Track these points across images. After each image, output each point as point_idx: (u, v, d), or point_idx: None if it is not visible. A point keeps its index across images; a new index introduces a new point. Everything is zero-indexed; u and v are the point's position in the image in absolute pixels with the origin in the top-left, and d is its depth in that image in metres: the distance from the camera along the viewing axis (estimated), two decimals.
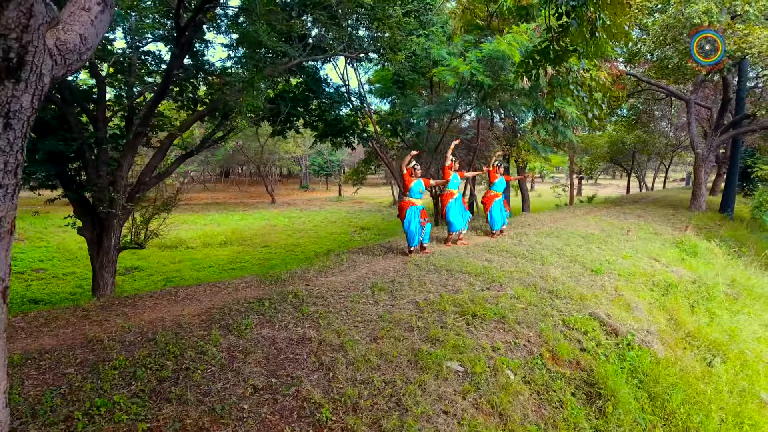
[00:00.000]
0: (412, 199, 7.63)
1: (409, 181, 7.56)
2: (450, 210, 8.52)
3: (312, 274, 6.56)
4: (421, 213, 7.64)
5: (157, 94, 7.97)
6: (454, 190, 8.54)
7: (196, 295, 5.61)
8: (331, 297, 5.48)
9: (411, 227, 7.55)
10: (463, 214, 8.67)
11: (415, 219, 7.56)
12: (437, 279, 6.30)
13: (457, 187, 8.69)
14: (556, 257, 7.92)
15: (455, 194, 8.64)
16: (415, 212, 7.57)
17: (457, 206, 8.57)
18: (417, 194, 7.67)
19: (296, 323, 4.64)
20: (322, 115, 11.92)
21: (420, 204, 7.74)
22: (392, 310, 5.15)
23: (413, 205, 7.61)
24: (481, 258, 7.53)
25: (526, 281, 6.42)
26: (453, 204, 8.56)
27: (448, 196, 8.61)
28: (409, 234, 7.60)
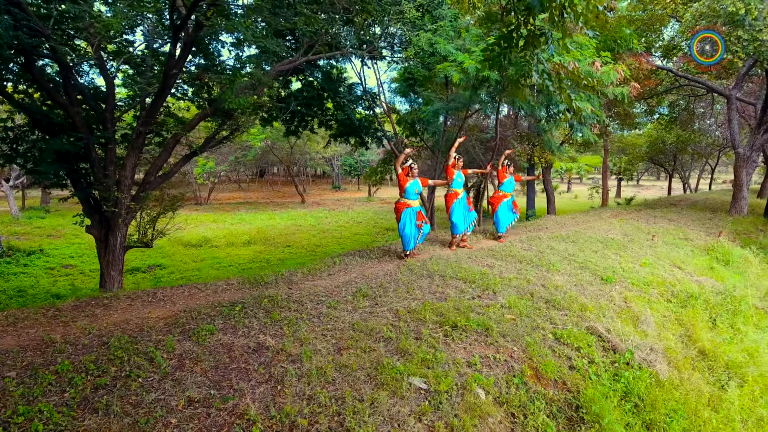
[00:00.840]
0: (408, 200, 7.29)
1: (405, 181, 7.23)
2: (454, 211, 8.13)
3: (299, 277, 6.35)
4: (418, 215, 7.29)
5: (157, 94, 7.97)
6: (458, 189, 8.14)
7: (173, 297, 5.49)
8: (309, 302, 5.24)
9: (406, 230, 7.22)
10: (467, 216, 8.26)
11: (410, 221, 7.23)
12: (427, 285, 5.96)
13: (461, 187, 8.28)
14: (565, 263, 7.41)
15: (459, 194, 8.24)
16: (411, 214, 7.24)
17: (461, 207, 8.16)
18: (413, 195, 7.33)
19: (260, 330, 4.43)
20: (335, 114, 11.73)
21: (417, 205, 7.40)
22: (368, 317, 4.86)
23: (409, 206, 7.28)
24: (482, 263, 7.12)
25: (524, 289, 5.98)
26: (457, 204, 8.16)
27: (452, 196, 8.22)
28: (405, 237, 7.28)
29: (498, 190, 9.07)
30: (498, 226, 8.87)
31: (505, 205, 8.80)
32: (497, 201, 8.94)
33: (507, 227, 8.98)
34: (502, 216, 8.79)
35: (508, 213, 8.85)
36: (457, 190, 8.16)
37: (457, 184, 8.21)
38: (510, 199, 8.92)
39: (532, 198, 16.85)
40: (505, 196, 8.94)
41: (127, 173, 8.49)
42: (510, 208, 9.00)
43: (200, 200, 33.65)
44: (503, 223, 8.82)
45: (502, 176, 8.91)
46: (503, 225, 8.84)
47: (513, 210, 8.92)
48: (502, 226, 8.84)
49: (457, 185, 8.20)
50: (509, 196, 8.97)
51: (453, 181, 8.14)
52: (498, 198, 8.87)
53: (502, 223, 8.82)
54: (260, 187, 51.70)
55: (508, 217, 8.89)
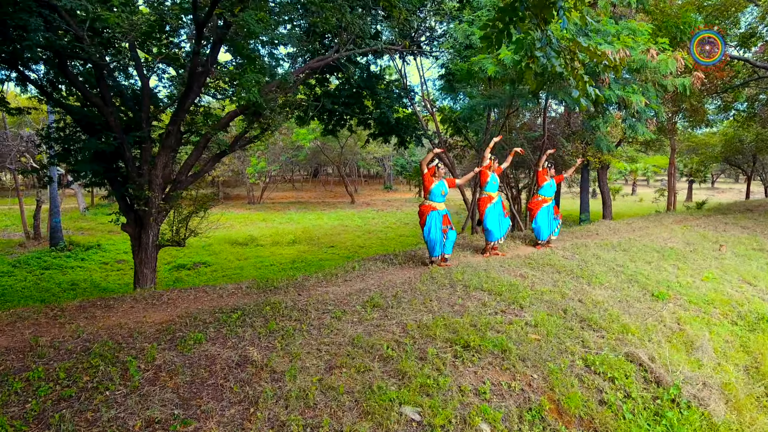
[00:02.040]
0: (433, 202, 6.77)
1: (430, 182, 6.71)
2: (488, 216, 7.51)
3: (312, 283, 6.01)
4: (444, 219, 6.75)
5: (184, 93, 7.92)
6: (492, 193, 7.52)
7: (178, 300, 5.30)
8: (314, 311, 4.87)
9: (431, 235, 6.70)
10: (502, 222, 7.62)
11: (436, 225, 6.70)
12: (447, 296, 5.43)
13: (496, 190, 7.65)
14: (610, 275, 6.62)
15: (494, 198, 7.62)
16: (437, 218, 6.71)
17: (495, 212, 7.54)
18: (439, 197, 6.80)
19: (251, 341, 4.10)
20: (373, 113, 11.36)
21: (443, 208, 6.86)
22: (373, 331, 4.42)
23: (434, 209, 6.76)
24: (514, 272, 6.48)
25: (556, 304, 5.31)
26: (492, 209, 7.54)
27: (486, 200, 7.61)
28: (429, 242, 6.76)
29: (537, 194, 8.32)
30: (538, 234, 8.13)
31: (545, 211, 8.04)
32: (536, 206, 8.19)
33: (549, 236, 8.20)
34: (542, 223, 8.04)
35: (549, 219, 8.08)
36: (492, 193, 7.55)
37: (492, 187, 7.59)
38: (551, 204, 8.15)
39: (585, 201, 15.70)
40: (545, 200, 8.19)
41: (158, 172, 8.52)
42: (551, 214, 8.23)
43: (253, 199, 34.48)
44: (543, 230, 8.06)
45: (541, 179, 8.16)
46: (544, 233, 8.08)
47: (554, 216, 8.14)
48: (543, 234, 8.09)
49: (491, 188, 7.59)
50: (549, 201, 8.20)
51: (487, 183, 7.53)
52: (537, 203, 8.12)
53: (542, 231, 8.07)
54: (313, 186, 52.49)
55: (549, 224, 8.13)
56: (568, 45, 3.40)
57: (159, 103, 9.57)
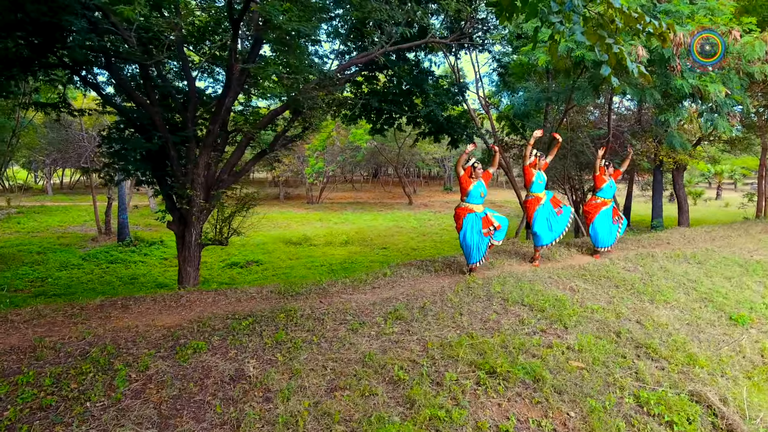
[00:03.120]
0: (471, 204, 6.18)
1: (468, 183, 6.12)
2: (537, 219, 6.81)
3: (338, 289, 5.63)
4: (484, 221, 6.14)
5: (223, 91, 7.87)
6: (539, 193, 6.80)
7: (195, 303, 5.11)
8: (330, 321, 4.49)
9: (467, 239, 6.12)
10: (554, 223, 6.87)
11: (473, 229, 6.12)
12: (480, 310, 4.86)
13: (543, 189, 6.90)
14: (679, 292, 5.73)
15: (542, 199, 6.89)
16: (475, 220, 6.12)
17: (545, 214, 6.82)
18: (478, 198, 6.20)
19: (254, 353, 3.79)
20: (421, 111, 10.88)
21: (481, 210, 6.24)
22: (389, 348, 3.97)
23: (471, 211, 6.17)
24: (564, 285, 5.77)
25: (609, 326, 4.58)
26: (540, 211, 6.83)
27: (534, 201, 6.90)
28: (467, 248, 6.17)
29: (595, 195, 7.46)
30: (596, 241, 7.28)
31: (605, 215, 7.18)
32: (594, 210, 7.33)
33: (612, 244, 7.33)
34: (600, 228, 7.19)
35: (609, 224, 7.21)
36: (539, 194, 6.83)
37: (538, 187, 6.85)
38: (610, 207, 7.27)
39: (658, 206, 14.21)
40: (605, 203, 7.32)
41: (199, 171, 8.54)
42: (611, 218, 7.35)
43: (311, 199, 34.99)
44: (603, 237, 7.21)
45: (600, 180, 7.31)
46: (603, 239, 7.23)
47: (614, 221, 7.25)
48: (602, 240, 7.23)
49: (537, 188, 6.86)
50: (609, 203, 7.33)
51: (533, 183, 6.82)
52: (595, 206, 7.26)
53: (601, 238, 7.21)
54: (373, 187, 52.60)
55: (610, 229, 7.25)
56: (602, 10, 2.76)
57: (206, 104, 9.65)
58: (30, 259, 16.22)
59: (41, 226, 23.33)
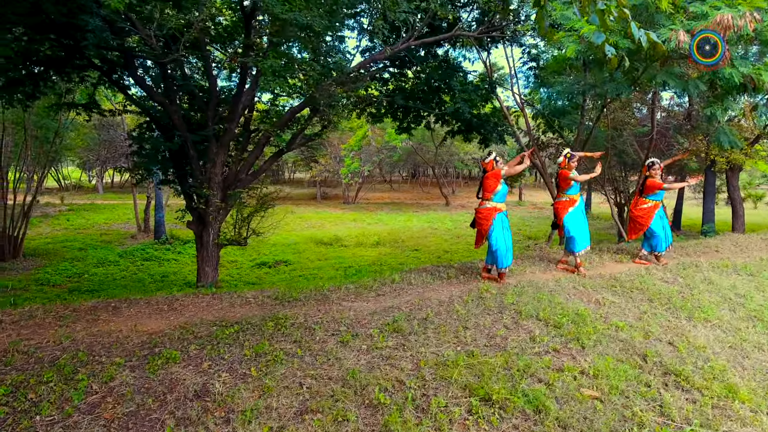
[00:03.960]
0: (498, 204, 5.75)
1: (497, 181, 5.66)
2: (569, 222, 6.27)
3: (340, 295, 5.29)
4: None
5: (237, 88, 7.71)
6: (574, 195, 6.26)
7: (186, 307, 4.90)
8: (321, 331, 4.16)
9: (499, 241, 5.67)
10: (586, 229, 6.32)
11: (504, 228, 5.73)
12: (489, 324, 4.40)
13: (578, 191, 6.34)
14: (723, 309, 5.04)
15: (577, 201, 6.33)
16: (504, 220, 5.74)
17: (578, 217, 6.28)
18: (504, 197, 5.78)
19: (229, 365, 3.50)
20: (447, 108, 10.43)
21: (505, 209, 5.82)
22: (377, 365, 3.59)
23: (500, 211, 5.74)
24: (589, 297, 5.20)
25: (634, 347, 4.02)
26: (574, 213, 6.30)
27: (568, 204, 6.36)
28: (498, 251, 5.70)
29: (642, 198, 6.80)
30: (658, 244, 6.69)
31: (659, 218, 6.63)
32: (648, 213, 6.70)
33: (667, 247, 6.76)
34: (658, 230, 6.60)
35: (665, 225, 6.64)
36: (574, 196, 6.28)
37: (574, 189, 6.32)
38: (661, 208, 6.66)
39: (710, 209, 13.04)
40: (656, 205, 6.69)
41: (216, 170, 8.45)
42: (665, 219, 6.76)
43: (348, 199, 34.94)
44: (661, 239, 6.63)
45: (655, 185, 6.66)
46: (661, 242, 6.65)
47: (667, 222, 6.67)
48: (662, 243, 6.66)
49: (574, 190, 6.32)
50: (660, 206, 6.69)
51: (571, 186, 6.28)
52: (647, 210, 6.66)
53: (661, 240, 6.64)
54: (411, 187, 52.12)
55: (666, 230, 6.66)
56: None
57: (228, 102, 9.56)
58: (71, 255, 16.82)
59: (88, 224, 24.31)
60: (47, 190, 35.73)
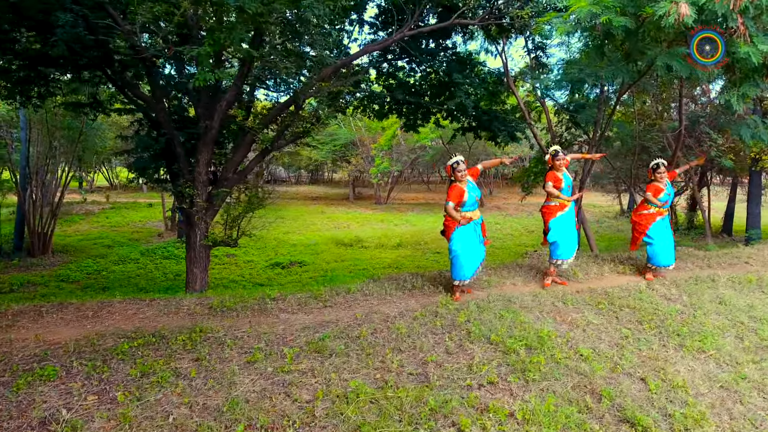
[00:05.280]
0: (470, 211, 5.10)
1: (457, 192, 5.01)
2: (554, 228, 5.56)
3: (283, 305, 4.80)
4: (483, 229, 5.10)
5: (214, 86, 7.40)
6: (566, 198, 5.50)
7: (116, 314, 4.53)
8: (233, 348, 3.70)
9: (459, 251, 5.05)
10: (572, 238, 5.55)
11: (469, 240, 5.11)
12: (429, 346, 3.78)
13: (569, 196, 5.56)
14: (728, 336, 4.19)
15: (567, 206, 5.57)
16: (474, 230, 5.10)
17: (565, 223, 5.53)
18: (471, 205, 5.10)
19: (101, 388, 3.09)
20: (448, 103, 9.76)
21: (478, 217, 5.15)
22: (271, 393, 3.09)
23: (470, 220, 5.10)
24: (564, 317, 4.46)
25: (592, 383, 3.30)
26: (560, 220, 5.56)
27: (556, 208, 5.63)
28: (455, 260, 5.08)
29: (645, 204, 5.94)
30: (653, 257, 5.77)
31: (662, 226, 5.74)
32: (648, 220, 5.84)
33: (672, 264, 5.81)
34: (659, 240, 5.72)
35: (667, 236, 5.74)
36: (565, 199, 5.53)
37: (567, 190, 5.57)
38: (666, 217, 5.75)
39: (755, 213, 11.57)
40: (660, 212, 5.81)
41: (201, 169, 8.19)
42: (668, 229, 5.83)
43: (379, 199, 34.51)
44: (661, 252, 5.70)
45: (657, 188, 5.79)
46: (662, 256, 5.71)
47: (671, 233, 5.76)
48: (662, 257, 5.71)
49: (565, 193, 5.57)
50: (665, 214, 5.79)
51: (562, 188, 5.54)
52: (648, 216, 5.81)
53: (660, 253, 5.71)
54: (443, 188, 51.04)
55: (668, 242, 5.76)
56: None
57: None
58: (96, 252, 17.30)
59: (124, 221, 25.12)
60: (98, 189, 37.48)
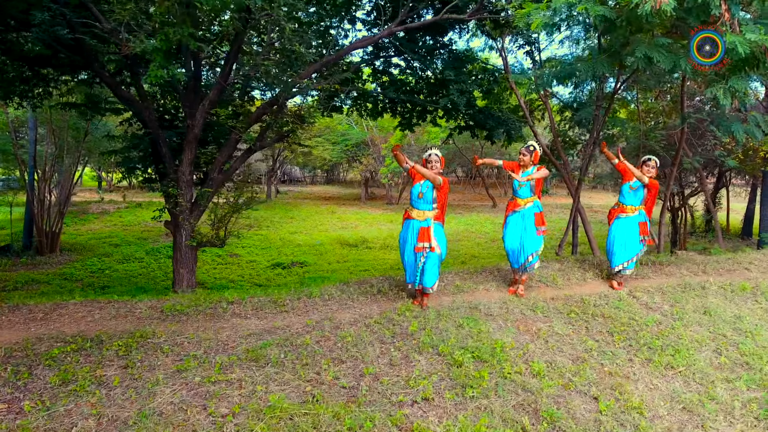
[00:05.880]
0: (415, 209, 4.78)
1: (417, 179, 4.72)
2: (507, 229, 5.31)
3: (237, 310, 4.61)
4: (420, 233, 4.66)
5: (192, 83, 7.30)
6: (521, 198, 5.19)
7: (65, 316, 4.37)
8: (167, 355, 3.54)
9: (405, 255, 4.79)
10: (526, 240, 5.17)
11: (404, 240, 4.83)
12: (373, 356, 3.55)
13: (528, 196, 5.20)
14: (704, 351, 3.85)
15: (521, 206, 5.22)
16: (410, 231, 4.77)
17: (517, 225, 5.21)
18: (417, 201, 4.75)
19: (12, 396, 2.95)
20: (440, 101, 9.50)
21: (423, 218, 4.73)
22: (189, 405, 2.91)
23: (409, 217, 4.81)
24: (529, 326, 4.18)
25: (536, 401, 3.02)
26: (512, 220, 5.30)
27: (509, 205, 5.41)
28: (404, 265, 4.83)
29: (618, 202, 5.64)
30: (611, 256, 5.44)
31: (621, 226, 5.37)
32: (609, 218, 5.60)
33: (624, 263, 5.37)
34: (620, 241, 5.37)
35: (626, 239, 5.35)
36: (519, 199, 5.22)
37: (523, 191, 5.20)
38: (636, 215, 5.36)
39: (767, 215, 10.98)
40: (623, 210, 5.47)
41: (184, 169, 8.10)
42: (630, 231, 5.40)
43: (391, 200, 34.33)
44: (620, 252, 5.35)
45: (628, 174, 5.45)
46: (621, 256, 5.35)
47: (639, 235, 5.34)
48: (619, 257, 5.36)
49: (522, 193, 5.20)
50: (635, 211, 5.41)
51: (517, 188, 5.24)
52: (611, 212, 5.56)
53: (617, 253, 5.37)
54: (464, 188, 50.46)
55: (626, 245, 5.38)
56: None
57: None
58: (103, 250, 17.50)
59: (136, 220, 25.42)
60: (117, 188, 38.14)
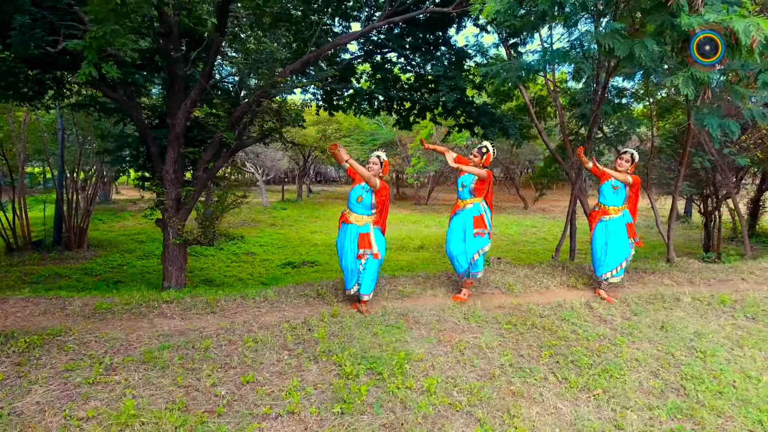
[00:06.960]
0: (353, 212, 4.56)
1: (357, 180, 4.52)
2: (448, 233, 5.05)
3: (165, 310, 4.56)
4: (360, 239, 4.44)
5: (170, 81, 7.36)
6: (461, 200, 4.90)
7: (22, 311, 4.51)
8: (68, 354, 3.50)
9: (344, 261, 4.59)
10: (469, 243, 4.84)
11: (341, 245, 4.60)
12: (264, 364, 3.38)
13: (467, 197, 4.88)
14: (640, 371, 3.44)
15: (461, 206, 4.93)
16: (348, 236, 4.54)
17: (458, 228, 4.91)
18: (356, 206, 4.53)
19: None
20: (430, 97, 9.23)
21: (362, 223, 4.50)
22: (56, 408, 2.84)
23: (348, 222, 4.58)
24: (448, 339, 3.88)
25: (406, 424, 2.76)
26: (454, 222, 5.00)
27: (454, 206, 5.12)
28: (343, 270, 4.63)
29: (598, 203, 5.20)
30: (596, 264, 5.05)
31: (607, 228, 4.96)
32: (594, 219, 5.15)
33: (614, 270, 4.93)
34: (599, 246, 4.97)
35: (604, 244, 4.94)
36: (463, 200, 4.95)
37: (464, 191, 4.92)
38: (619, 217, 4.93)
39: None
40: (605, 212, 5.03)
41: (168, 167, 8.21)
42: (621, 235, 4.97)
43: (419, 200, 33.99)
44: (604, 260, 4.94)
45: (603, 176, 5.03)
46: (607, 263, 4.94)
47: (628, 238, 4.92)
48: (605, 264, 4.95)
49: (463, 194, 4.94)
50: (619, 213, 4.97)
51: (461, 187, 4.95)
52: (594, 214, 5.14)
53: (601, 260, 4.97)
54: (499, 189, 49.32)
55: (604, 251, 4.94)
56: None
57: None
58: (128, 247, 18.17)
59: None
60: None
